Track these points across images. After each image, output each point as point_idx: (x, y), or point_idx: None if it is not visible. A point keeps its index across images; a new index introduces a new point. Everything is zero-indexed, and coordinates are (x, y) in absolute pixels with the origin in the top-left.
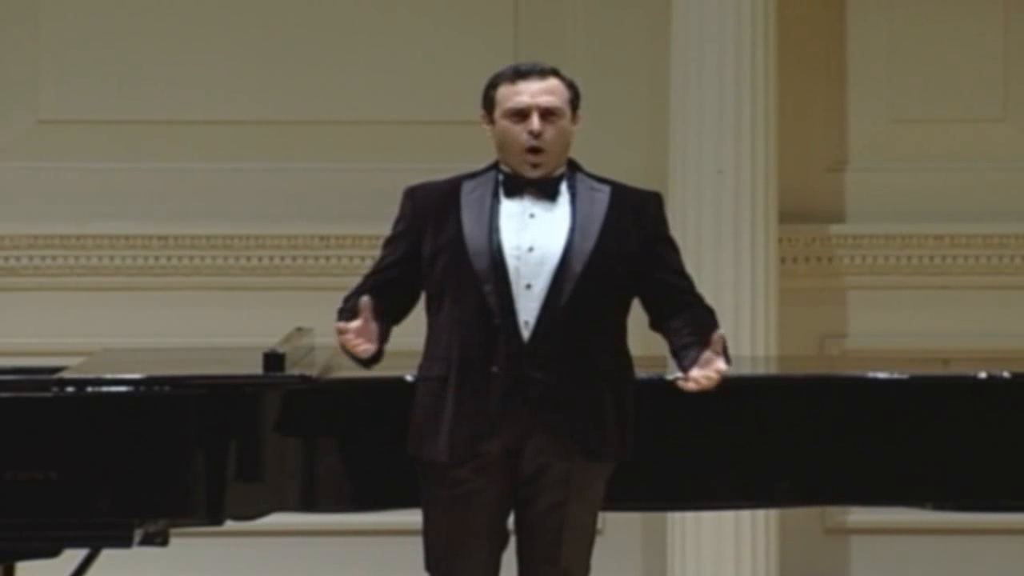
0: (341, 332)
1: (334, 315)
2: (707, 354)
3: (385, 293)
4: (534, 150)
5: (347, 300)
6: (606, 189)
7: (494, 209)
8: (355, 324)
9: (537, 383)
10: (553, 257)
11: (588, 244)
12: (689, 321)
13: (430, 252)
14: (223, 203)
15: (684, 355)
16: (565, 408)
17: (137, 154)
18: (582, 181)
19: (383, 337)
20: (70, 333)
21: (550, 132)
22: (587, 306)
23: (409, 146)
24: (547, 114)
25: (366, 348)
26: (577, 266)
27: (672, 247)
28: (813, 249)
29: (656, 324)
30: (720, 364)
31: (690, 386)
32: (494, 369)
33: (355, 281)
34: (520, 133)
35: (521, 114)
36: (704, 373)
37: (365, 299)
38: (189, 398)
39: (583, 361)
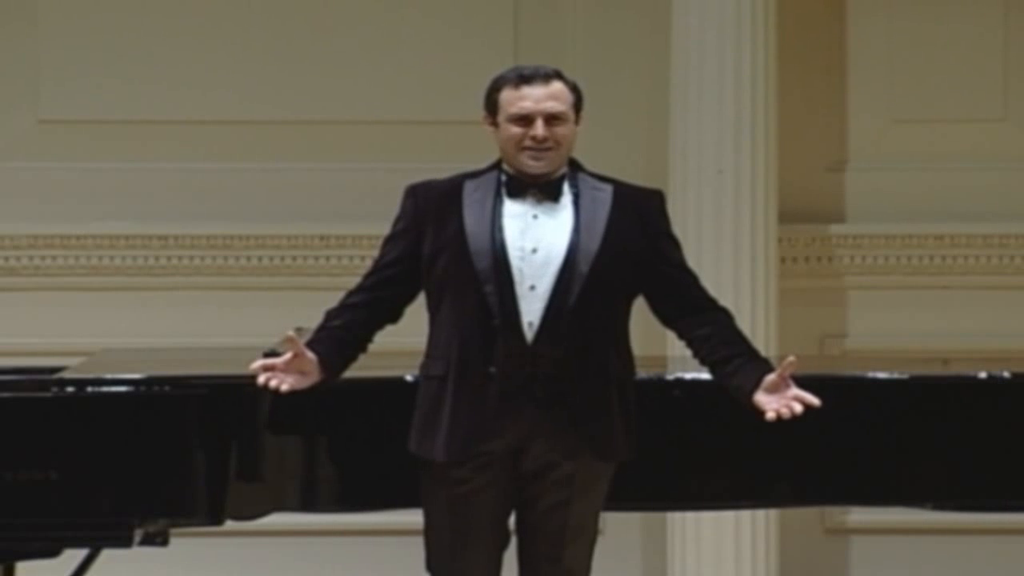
0: (259, 370)
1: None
2: (772, 378)
3: (384, 291)
4: (537, 151)
5: (349, 295)
6: (608, 188)
7: (496, 209)
8: (283, 359)
9: (542, 383)
10: (557, 258)
11: (593, 244)
12: (718, 331)
13: (430, 251)
14: (223, 203)
15: (732, 372)
16: (572, 407)
17: (137, 154)
18: (584, 181)
19: (331, 362)
20: (70, 333)
21: (554, 137)
22: (593, 306)
23: (409, 146)
24: (551, 119)
25: (280, 383)
26: (583, 266)
27: (675, 244)
28: (813, 249)
29: (669, 323)
30: (804, 394)
31: (772, 416)
32: (491, 370)
33: (355, 281)
34: (524, 138)
35: (526, 120)
36: (788, 405)
37: (290, 333)
38: (189, 398)
39: (588, 361)
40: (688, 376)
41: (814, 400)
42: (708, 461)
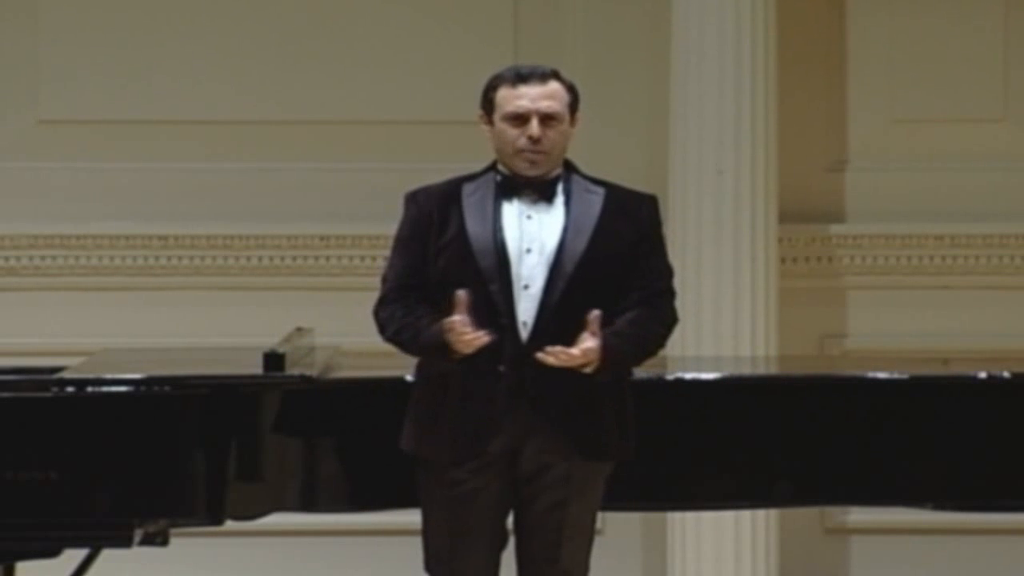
0: (458, 332)
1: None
2: (584, 334)
3: (419, 300)
4: (532, 151)
5: (375, 314)
6: (601, 191)
7: (496, 209)
8: (463, 317)
9: (536, 383)
10: (548, 258)
11: (580, 244)
12: (621, 321)
13: (433, 251)
14: (223, 203)
15: None
16: (564, 408)
17: (137, 154)
18: (577, 183)
19: None
20: (70, 333)
21: (549, 136)
22: (582, 306)
23: (409, 146)
24: (547, 119)
25: (480, 337)
26: (569, 266)
27: (659, 248)
28: (813, 249)
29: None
30: (588, 343)
31: (549, 360)
32: (501, 368)
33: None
34: (519, 137)
35: (521, 119)
36: (564, 349)
37: (462, 293)
38: (189, 398)
39: None
40: (688, 376)
41: (591, 343)
42: (708, 461)
